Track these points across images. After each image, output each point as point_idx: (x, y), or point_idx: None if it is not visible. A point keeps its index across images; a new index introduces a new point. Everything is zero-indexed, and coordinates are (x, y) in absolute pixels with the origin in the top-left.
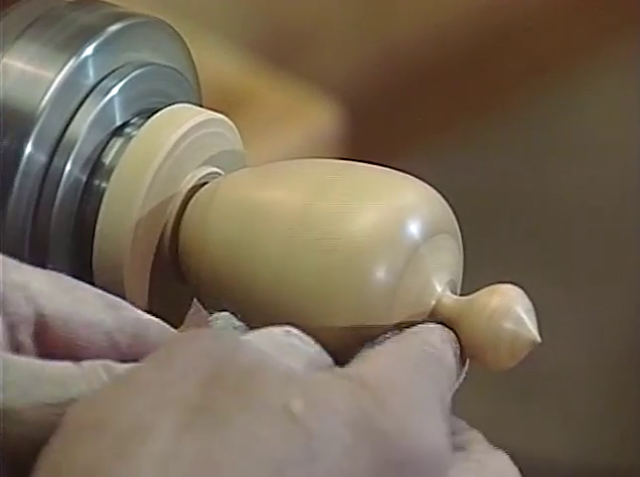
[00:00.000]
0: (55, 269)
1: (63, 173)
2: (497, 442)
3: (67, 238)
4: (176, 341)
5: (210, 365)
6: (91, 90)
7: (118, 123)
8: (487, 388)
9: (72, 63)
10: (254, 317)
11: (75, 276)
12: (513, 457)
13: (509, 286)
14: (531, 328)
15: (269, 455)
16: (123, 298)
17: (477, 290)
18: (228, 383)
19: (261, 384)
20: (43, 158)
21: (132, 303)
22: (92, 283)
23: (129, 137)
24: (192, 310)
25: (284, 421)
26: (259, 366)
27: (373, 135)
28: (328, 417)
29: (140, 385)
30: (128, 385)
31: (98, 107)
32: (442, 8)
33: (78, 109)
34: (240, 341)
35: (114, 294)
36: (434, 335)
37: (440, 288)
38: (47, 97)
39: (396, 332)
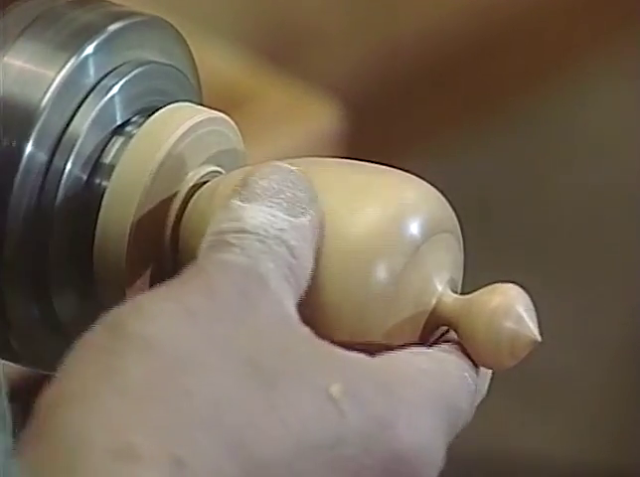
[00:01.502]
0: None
1: (63, 172)
2: (497, 442)
3: (67, 238)
4: (207, 267)
5: (248, 307)
6: (92, 89)
7: (119, 122)
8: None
9: (72, 61)
10: None
11: (75, 275)
12: (513, 456)
13: (509, 285)
14: (531, 327)
15: (302, 430)
16: (124, 297)
17: (478, 289)
18: (273, 342)
19: (305, 358)
20: (43, 157)
21: None
22: (93, 282)
23: (130, 136)
24: None
25: (323, 402)
26: (304, 336)
27: (373, 135)
28: (360, 408)
29: (188, 312)
30: (178, 307)
31: (99, 106)
32: (443, 7)
33: (78, 108)
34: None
35: (115, 294)
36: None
37: (441, 287)
38: (47, 96)
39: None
